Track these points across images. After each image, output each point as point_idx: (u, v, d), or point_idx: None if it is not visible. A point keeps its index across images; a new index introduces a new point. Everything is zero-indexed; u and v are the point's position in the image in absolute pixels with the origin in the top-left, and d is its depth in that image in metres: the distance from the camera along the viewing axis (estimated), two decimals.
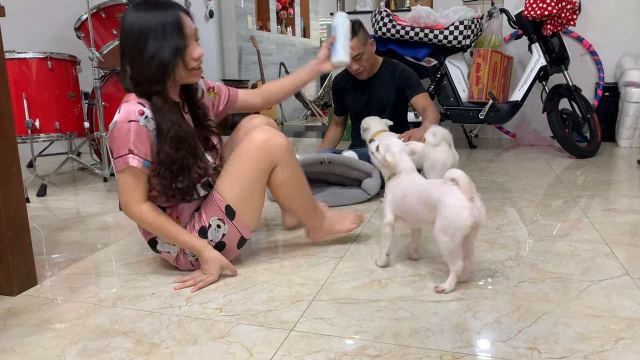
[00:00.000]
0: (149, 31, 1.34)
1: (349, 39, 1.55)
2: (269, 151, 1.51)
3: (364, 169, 2.38)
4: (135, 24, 1.36)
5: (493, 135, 4.47)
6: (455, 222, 1.32)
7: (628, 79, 3.62)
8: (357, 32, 2.51)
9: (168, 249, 1.53)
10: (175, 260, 1.55)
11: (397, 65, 2.71)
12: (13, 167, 1.42)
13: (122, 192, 1.40)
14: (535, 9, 3.33)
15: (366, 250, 1.74)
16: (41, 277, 1.57)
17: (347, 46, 1.56)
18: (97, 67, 2.63)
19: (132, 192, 1.39)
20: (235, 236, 1.53)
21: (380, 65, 2.70)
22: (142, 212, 1.41)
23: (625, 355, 1.08)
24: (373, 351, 1.11)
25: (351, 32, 2.08)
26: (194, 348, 1.14)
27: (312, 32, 8.15)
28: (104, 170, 2.70)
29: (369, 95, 2.71)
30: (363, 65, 2.59)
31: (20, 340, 1.20)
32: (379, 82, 2.69)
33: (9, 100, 1.40)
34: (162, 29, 1.34)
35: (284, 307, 1.33)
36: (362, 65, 2.59)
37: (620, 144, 3.80)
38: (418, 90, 2.64)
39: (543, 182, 2.71)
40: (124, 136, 1.34)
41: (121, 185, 1.39)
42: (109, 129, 1.39)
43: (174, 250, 1.53)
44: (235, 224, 1.51)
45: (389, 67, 2.70)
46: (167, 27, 1.35)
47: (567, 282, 1.45)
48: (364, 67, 2.60)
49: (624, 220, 2.01)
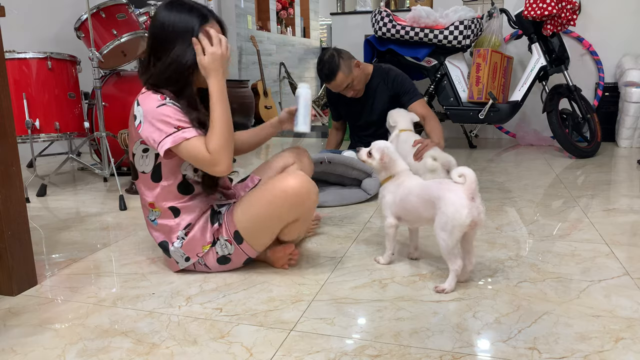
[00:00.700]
0: (177, 33, 1.37)
1: (310, 110, 1.61)
2: (300, 208, 1.47)
3: (364, 168, 2.38)
4: (166, 23, 1.38)
5: (493, 135, 4.47)
6: (454, 220, 1.33)
7: (628, 79, 3.62)
8: (338, 65, 2.43)
9: (178, 260, 1.52)
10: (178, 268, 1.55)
11: (389, 71, 2.65)
12: (13, 167, 1.42)
13: (199, 161, 1.37)
14: (535, 9, 3.33)
15: (366, 250, 1.74)
16: (41, 277, 1.57)
17: (308, 117, 1.60)
18: (97, 67, 2.62)
19: (201, 153, 1.36)
20: (241, 256, 1.53)
21: (371, 73, 2.65)
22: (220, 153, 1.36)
23: (625, 355, 1.08)
24: (373, 351, 1.11)
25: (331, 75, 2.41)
26: (194, 348, 1.14)
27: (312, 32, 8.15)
28: (104, 170, 2.70)
29: (363, 103, 2.67)
30: (355, 89, 2.56)
31: (20, 340, 1.20)
32: (372, 90, 2.65)
33: (9, 100, 1.40)
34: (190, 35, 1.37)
35: (284, 307, 1.33)
36: (355, 90, 2.56)
37: (620, 144, 3.79)
38: (414, 96, 2.59)
39: (543, 182, 2.71)
40: (163, 118, 1.35)
41: (192, 156, 1.36)
42: (136, 122, 1.39)
43: (182, 263, 1.52)
44: (242, 248, 1.50)
45: (380, 74, 2.65)
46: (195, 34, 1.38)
47: (567, 282, 1.45)
48: (358, 90, 2.57)
49: (624, 220, 2.01)
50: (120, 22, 2.96)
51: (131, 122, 1.43)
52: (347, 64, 2.48)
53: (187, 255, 1.50)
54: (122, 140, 2.57)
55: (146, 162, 1.45)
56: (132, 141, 1.46)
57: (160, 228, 1.50)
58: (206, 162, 1.37)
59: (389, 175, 1.59)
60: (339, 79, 2.46)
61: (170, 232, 1.49)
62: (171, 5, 1.40)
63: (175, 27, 1.38)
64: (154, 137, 1.36)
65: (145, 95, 1.39)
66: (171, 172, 1.45)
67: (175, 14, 1.38)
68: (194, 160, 1.38)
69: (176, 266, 1.54)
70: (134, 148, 1.46)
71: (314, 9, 8.20)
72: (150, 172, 1.46)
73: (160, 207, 1.48)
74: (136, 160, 1.47)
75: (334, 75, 2.45)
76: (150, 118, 1.36)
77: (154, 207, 1.49)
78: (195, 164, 1.39)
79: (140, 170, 1.47)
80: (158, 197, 1.47)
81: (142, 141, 1.42)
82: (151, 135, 1.37)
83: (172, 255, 1.51)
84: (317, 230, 1.96)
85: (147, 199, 1.49)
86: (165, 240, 1.51)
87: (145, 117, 1.37)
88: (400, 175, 1.58)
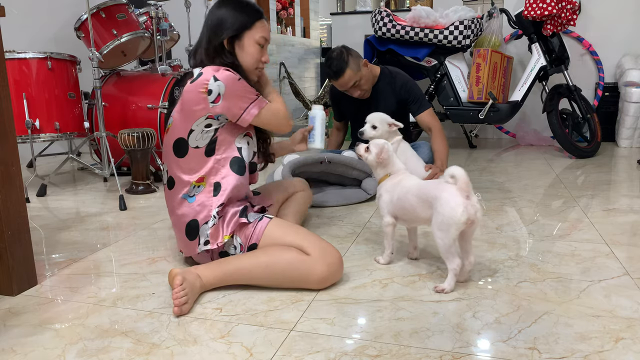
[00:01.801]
0: (226, 26, 1.53)
1: (324, 129, 1.77)
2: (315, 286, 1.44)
3: (363, 168, 2.38)
4: (222, 16, 1.53)
5: (493, 135, 4.47)
6: (450, 218, 1.33)
7: (628, 79, 3.62)
8: (347, 62, 2.42)
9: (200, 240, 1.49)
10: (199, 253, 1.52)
11: (397, 75, 2.62)
12: (13, 167, 1.42)
13: (279, 116, 1.57)
14: (535, 9, 3.33)
15: (366, 250, 1.74)
16: (41, 277, 1.57)
17: (323, 135, 1.76)
18: (97, 67, 2.62)
19: (283, 111, 1.58)
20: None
21: (378, 76, 2.61)
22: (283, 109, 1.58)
23: (625, 355, 1.08)
24: (373, 351, 1.11)
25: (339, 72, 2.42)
26: (194, 348, 1.14)
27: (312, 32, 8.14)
28: (104, 170, 2.70)
29: (368, 106, 2.60)
30: (363, 89, 2.52)
31: (20, 340, 1.20)
32: (378, 93, 2.61)
33: (9, 100, 1.40)
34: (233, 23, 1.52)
35: (284, 307, 1.33)
36: (362, 89, 2.52)
37: (620, 144, 3.80)
38: (423, 106, 2.55)
39: (543, 182, 2.71)
40: (244, 89, 1.49)
41: (276, 116, 1.56)
42: (211, 96, 1.45)
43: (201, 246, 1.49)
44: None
45: (387, 77, 2.61)
46: (241, 23, 1.53)
47: (567, 282, 1.45)
48: (365, 90, 2.53)
49: (624, 220, 2.01)
50: (120, 22, 2.96)
51: (196, 96, 1.46)
52: (356, 62, 2.46)
53: (209, 239, 1.48)
54: (122, 140, 2.57)
55: (204, 136, 1.50)
56: (192, 117, 1.48)
57: (196, 204, 1.49)
58: (284, 117, 1.56)
59: (385, 173, 1.60)
60: (347, 75, 2.43)
61: (204, 210, 1.48)
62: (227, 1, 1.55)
63: (226, 20, 1.53)
64: (239, 105, 1.48)
65: (221, 72, 1.46)
66: (228, 144, 1.53)
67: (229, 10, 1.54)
68: (275, 118, 1.55)
69: (195, 249, 1.51)
70: (194, 124, 1.49)
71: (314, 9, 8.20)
72: (205, 145, 1.50)
73: (207, 181, 1.50)
74: (192, 136, 1.50)
75: (342, 72, 2.42)
76: (234, 89, 1.46)
77: (202, 180, 1.50)
78: (272, 122, 1.56)
79: (194, 146, 1.50)
80: (210, 171, 1.50)
81: (209, 115, 1.47)
82: (236, 103, 1.47)
83: (201, 234, 1.49)
84: (317, 230, 1.96)
85: (194, 174, 1.50)
86: (195, 219, 1.49)
87: (227, 89, 1.45)
88: (397, 174, 1.58)
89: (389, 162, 1.59)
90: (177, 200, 1.53)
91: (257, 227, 1.49)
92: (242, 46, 1.55)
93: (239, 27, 1.53)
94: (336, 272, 1.45)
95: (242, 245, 1.49)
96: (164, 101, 2.88)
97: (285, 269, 1.40)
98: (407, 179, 1.56)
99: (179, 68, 3.70)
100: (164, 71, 3.10)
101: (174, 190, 1.54)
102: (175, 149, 1.52)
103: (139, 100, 2.95)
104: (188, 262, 1.66)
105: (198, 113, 1.47)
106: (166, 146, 1.56)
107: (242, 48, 1.56)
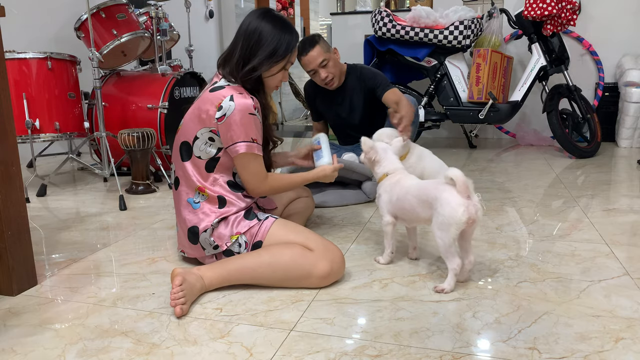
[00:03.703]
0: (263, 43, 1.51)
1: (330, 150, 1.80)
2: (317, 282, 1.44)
3: (363, 171, 2.38)
4: (262, 32, 1.51)
5: (493, 135, 4.47)
6: (450, 218, 1.33)
7: (628, 79, 3.62)
8: (318, 41, 2.45)
9: (205, 247, 1.51)
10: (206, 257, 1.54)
11: (362, 68, 2.63)
12: (13, 167, 1.42)
13: (251, 175, 1.50)
14: (535, 9, 3.33)
15: (366, 250, 1.74)
16: (41, 277, 1.57)
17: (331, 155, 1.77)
18: (97, 67, 2.62)
19: (259, 173, 1.51)
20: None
21: (346, 72, 2.61)
22: (271, 183, 1.55)
23: (625, 355, 1.08)
24: (373, 351, 1.11)
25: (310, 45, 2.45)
26: (194, 348, 1.14)
27: (312, 32, 8.14)
28: (104, 170, 2.70)
29: (340, 103, 2.64)
30: (330, 71, 2.49)
31: (20, 340, 1.20)
32: (348, 89, 2.61)
33: (9, 100, 1.40)
34: (273, 49, 1.51)
35: (284, 307, 1.33)
36: (330, 72, 2.48)
37: (620, 144, 3.80)
38: (386, 87, 2.52)
39: (543, 182, 2.71)
40: (248, 125, 1.46)
41: (249, 169, 1.50)
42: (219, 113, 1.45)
43: (209, 250, 1.51)
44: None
45: (354, 72, 2.62)
46: (279, 51, 1.52)
47: (567, 282, 1.45)
48: (332, 74, 2.50)
49: (624, 220, 2.01)
50: (120, 22, 2.96)
51: (208, 106, 1.47)
52: (326, 44, 2.50)
53: (217, 244, 1.50)
54: (122, 140, 2.57)
55: (207, 149, 1.50)
56: (200, 124, 1.49)
57: (200, 212, 1.50)
58: (255, 182, 1.51)
59: (383, 173, 1.61)
60: (316, 51, 2.44)
61: (205, 219, 1.49)
62: (267, 17, 1.53)
63: (266, 38, 1.51)
64: (233, 135, 1.45)
65: (243, 96, 1.46)
66: (226, 168, 1.53)
67: (270, 26, 1.52)
68: (246, 172, 1.50)
69: (202, 252, 1.53)
70: (198, 132, 1.49)
71: (314, 9, 8.20)
72: (206, 160, 1.50)
73: (209, 193, 1.51)
74: (196, 144, 1.50)
75: (313, 45, 2.44)
76: (239, 118, 1.44)
77: (203, 191, 1.51)
78: (244, 175, 1.51)
79: (197, 155, 1.51)
80: (209, 184, 1.51)
81: (212, 130, 1.47)
82: (233, 132, 1.45)
83: (202, 242, 1.51)
84: (317, 230, 1.96)
85: (197, 183, 1.51)
86: (196, 226, 1.50)
87: (233, 114, 1.44)
88: (395, 173, 1.59)
89: (383, 162, 1.60)
90: (183, 203, 1.54)
91: (263, 225, 1.50)
92: (272, 71, 1.56)
93: (276, 53, 1.53)
94: (338, 269, 1.45)
95: (247, 243, 1.50)
96: (164, 101, 2.88)
97: (288, 265, 1.41)
98: (406, 179, 1.56)
99: (179, 68, 3.70)
100: (164, 71, 3.10)
101: (179, 191, 1.56)
102: (182, 151, 1.54)
103: (139, 100, 2.95)
104: (187, 262, 1.66)
105: (204, 122, 1.49)
106: (175, 146, 1.58)
107: (271, 71, 1.56)
